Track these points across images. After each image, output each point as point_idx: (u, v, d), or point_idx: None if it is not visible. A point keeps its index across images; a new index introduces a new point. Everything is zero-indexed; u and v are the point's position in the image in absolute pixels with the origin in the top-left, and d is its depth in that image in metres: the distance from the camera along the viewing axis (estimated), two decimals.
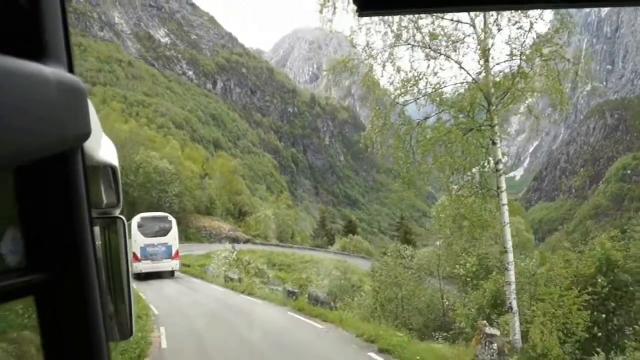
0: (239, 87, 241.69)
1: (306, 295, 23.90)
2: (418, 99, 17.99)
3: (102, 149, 1.75)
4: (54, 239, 0.84)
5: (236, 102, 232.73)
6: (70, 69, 0.87)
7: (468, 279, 22.96)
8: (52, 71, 0.73)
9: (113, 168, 2.07)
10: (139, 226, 31.98)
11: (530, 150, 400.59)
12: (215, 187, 73.90)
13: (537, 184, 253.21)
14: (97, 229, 2.25)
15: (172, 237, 32.93)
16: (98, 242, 2.16)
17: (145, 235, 31.92)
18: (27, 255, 0.81)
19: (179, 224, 61.20)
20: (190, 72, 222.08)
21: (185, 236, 58.77)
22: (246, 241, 61.26)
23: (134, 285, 29.74)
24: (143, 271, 31.43)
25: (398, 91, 18.07)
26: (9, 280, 0.77)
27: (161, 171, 56.88)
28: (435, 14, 13.35)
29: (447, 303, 24.03)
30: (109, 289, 2.29)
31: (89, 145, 1.10)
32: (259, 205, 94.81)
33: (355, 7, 1.04)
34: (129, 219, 41.22)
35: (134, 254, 31.21)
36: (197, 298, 25.09)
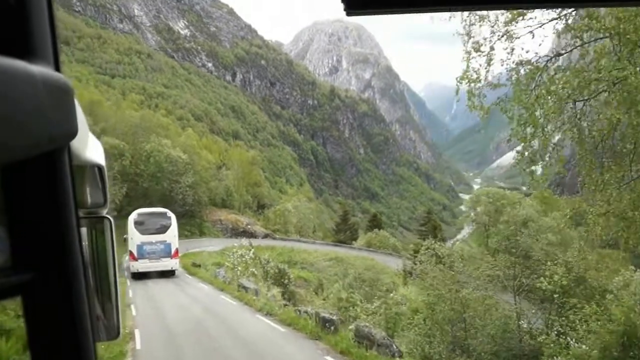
0: (259, 79, 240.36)
1: (350, 327, 17.13)
2: None
3: (89, 148, 1.74)
4: (41, 238, 0.83)
5: (255, 94, 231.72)
6: (57, 68, 0.86)
7: (555, 295, 17.57)
8: (38, 70, 0.72)
9: (100, 167, 2.07)
10: (137, 223, 30.40)
11: (553, 142, 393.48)
12: (233, 178, 70.40)
13: (560, 178, 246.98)
14: (84, 229, 2.13)
15: (172, 235, 31.07)
16: (85, 242, 2.06)
17: (143, 232, 30.21)
18: (14, 255, 0.80)
19: (192, 216, 59.46)
20: (210, 64, 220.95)
21: (200, 230, 55.73)
22: (265, 236, 58.00)
23: (130, 291, 25.56)
24: (140, 270, 29.74)
25: None
26: None
27: (174, 160, 53.55)
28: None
29: (524, 326, 18.57)
30: (96, 289, 2.26)
31: (75, 144, 1.08)
32: (278, 198, 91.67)
33: (343, 7, 1.02)
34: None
35: (131, 253, 30.07)
36: (198, 315, 19.67)
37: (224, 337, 16.14)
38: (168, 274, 30.82)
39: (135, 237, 29.94)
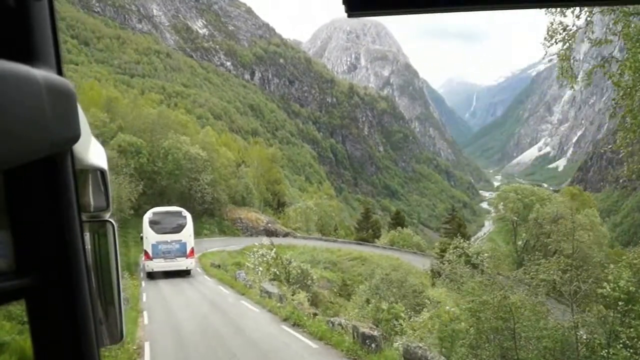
0: (277, 77, 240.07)
1: (395, 345, 15.07)
2: None
3: (92, 152, 1.75)
4: (44, 242, 0.83)
5: (274, 92, 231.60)
6: (60, 72, 0.86)
7: (620, 303, 14.90)
8: (41, 74, 0.72)
9: (102, 171, 2.08)
10: (152, 222, 29.91)
11: (574, 140, 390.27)
12: (252, 175, 69.05)
13: (582, 175, 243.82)
14: (86, 233, 2.18)
15: (187, 234, 30.53)
16: (88, 246, 2.05)
17: (158, 231, 29.65)
18: (17, 259, 0.80)
19: (211, 215, 58.33)
20: (229, 63, 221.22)
21: (219, 229, 54.49)
22: (285, 234, 56.63)
23: (143, 294, 24.14)
24: (155, 270, 29.39)
25: None
26: (0, 283, 0.77)
27: (192, 158, 52.19)
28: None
29: (584, 338, 15.89)
30: (99, 293, 2.25)
31: (78, 148, 1.09)
32: (297, 197, 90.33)
33: (344, 8, 1.03)
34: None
35: (146, 252, 29.74)
36: (217, 325, 17.80)
37: (246, 353, 14.32)
38: (183, 273, 30.34)
39: (150, 236, 29.50)
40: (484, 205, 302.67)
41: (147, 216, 30.47)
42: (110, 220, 2.35)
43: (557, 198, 62.58)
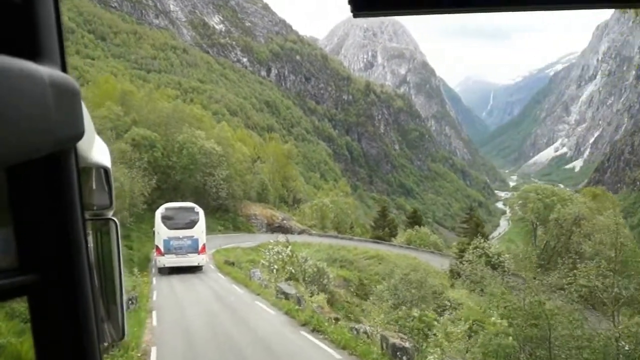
0: (293, 74, 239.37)
1: (430, 357, 13.49)
2: None
3: (95, 150, 1.76)
4: (47, 240, 0.84)
5: (290, 89, 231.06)
6: (64, 69, 0.85)
7: None
8: (45, 71, 0.72)
9: (106, 169, 2.11)
10: (164, 217, 29.83)
11: (591, 140, 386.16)
12: (268, 171, 68.26)
13: (599, 176, 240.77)
14: (89, 231, 2.27)
15: (199, 230, 30.26)
16: (91, 244, 2.17)
17: (170, 227, 29.54)
18: (20, 256, 0.81)
19: (226, 211, 57.58)
20: (245, 59, 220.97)
21: (234, 225, 53.74)
22: (301, 232, 55.81)
23: (154, 293, 23.31)
24: (166, 265, 29.40)
25: None
26: (2, 280, 0.77)
27: (207, 152, 51.38)
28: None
29: (626, 349, 14.38)
30: (101, 290, 2.30)
31: (82, 146, 1.09)
32: (312, 194, 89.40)
33: (350, 8, 1.03)
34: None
35: (157, 247, 29.75)
36: (230, 329, 16.62)
37: None
38: (195, 269, 30.21)
39: (162, 232, 29.41)
40: (499, 205, 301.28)
41: (160, 211, 30.39)
42: (113, 218, 2.34)
43: (578, 198, 61.11)
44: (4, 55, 0.64)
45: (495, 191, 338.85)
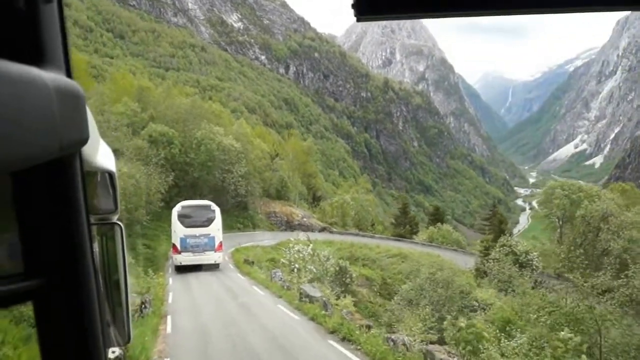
0: (312, 71, 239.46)
1: None
2: None
3: (100, 154, 1.78)
4: (52, 244, 0.84)
5: (309, 86, 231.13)
6: (69, 74, 0.86)
7: None
8: (50, 76, 0.73)
9: (111, 174, 2.14)
10: (180, 215, 30.04)
11: (612, 136, 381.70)
12: (287, 168, 67.17)
13: (619, 172, 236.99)
14: (95, 235, 2.31)
15: (216, 228, 30.31)
16: (96, 248, 2.19)
17: (187, 225, 29.75)
18: (26, 261, 0.81)
19: (245, 208, 56.66)
20: (263, 57, 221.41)
21: (253, 223, 52.77)
22: (321, 229, 54.77)
23: (170, 295, 22.18)
24: (183, 263, 29.54)
25: None
26: (8, 285, 0.77)
27: (226, 149, 50.35)
28: None
29: None
30: (106, 295, 2.32)
31: (86, 150, 1.10)
32: (331, 191, 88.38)
33: (354, 12, 1.05)
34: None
35: (174, 245, 29.82)
36: (250, 337, 14.99)
37: None
38: (212, 267, 30.25)
39: (178, 230, 29.60)
40: (519, 202, 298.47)
41: (176, 209, 30.53)
42: (118, 222, 2.33)
43: (606, 194, 59.38)
44: (8, 61, 0.64)
45: (515, 188, 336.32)
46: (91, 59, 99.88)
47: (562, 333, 13.19)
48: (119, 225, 2.34)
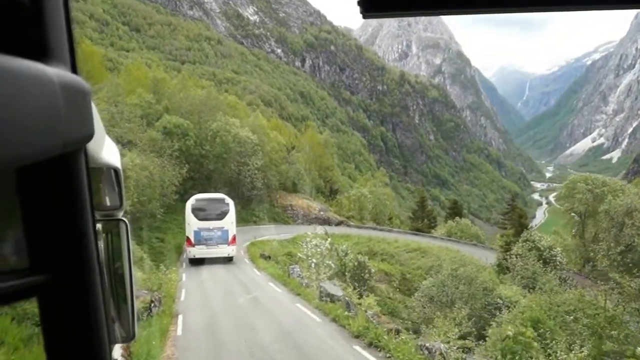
0: (328, 64, 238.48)
1: None
2: None
3: (105, 150, 1.79)
4: (57, 240, 0.84)
5: (325, 80, 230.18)
6: (74, 70, 0.86)
7: None
8: (55, 72, 0.73)
9: (116, 170, 2.16)
10: (194, 209, 30.45)
11: (629, 130, 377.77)
12: (304, 161, 66.29)
13: (637, 167, 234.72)
14: (100, 231, 2.33)
15: (230, 221, 30.68)
16: (101, 245, 2.20)
17: (200, 218, 30.10)
18: (30, 257, 0.81)
19: (261, 201, 55.62)
20: (279, 50, 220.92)
21: (269, 216, 51.99)
22: (338, 223, 53.88)
23: (182, 292, 21.30)
24: (197, 256, 29.99)
25: None
26: (13, 281, 0.77)
27: (242, 141, 49.50)
28: None
29: None
30: (111, 291, 2.34)
31: (92, 146, 1.10)
32: (347, 185, 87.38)
33: (360, 9, 1.06)
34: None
35: (188, 238, 30.21)
36: (269, 344, 13.56)
37: None
38: (226, 260, 30.52)
39: (192, 223, 29.94)
40: (535, 196, 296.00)
41: (190, 203, 30.88)
42: (123, 219, 2.33)
43: (630, 189, 57.88)
44: (12, 57, 0.64)
45: (531, 182, 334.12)
46: (107, 52, 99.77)
47: None
48: (124, 221, 2.33)
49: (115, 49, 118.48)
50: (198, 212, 30.38)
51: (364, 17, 1.08)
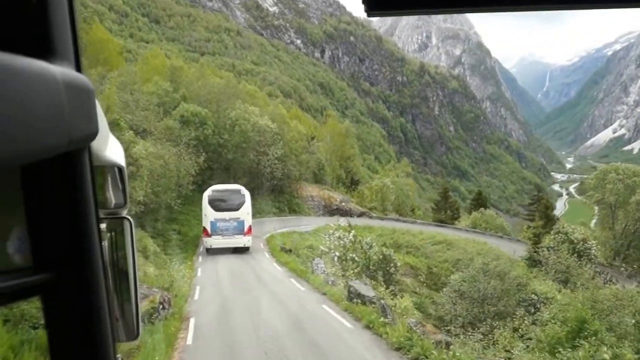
0: (347, 55, 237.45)
1: None
2: None
3: (109, 148, 1.80)
4: (61, 239, 0.84)
5: (344, 70, 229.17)
6: (78, 68, 0.86)
7: None
8: (59, 70, 0.73)
9: (120, 168, 2.13)
10: (211, 199, 30.87)
11: None
12: (325, 151, 64.92)
13: None
14: (104, 230, 2.28)
15: (245, 212, 31.03)
16: (105, 243, 2.14)
17: (217, 209, 30.50)
18: (34, 255, 0.81)
19: (281, 192, 54.49)
20: (299, 41, 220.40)
21: (289, 207, 50.75)
22: (360, 214, 52.53)
23: (197, 289, 19.94)
24: (213, 246, 30.54)
25: None
26: (17, 280, 0.77)
27: (261, 130, 48.13)
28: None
29: None
30: (115, 290, 2.30)
31: (96, 145, 1.11)
32: (366, 176, 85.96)
33: (364, 7, 1.06)
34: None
35: (204, 229, 30.66)
36: (291, 356, 11.76)
37: None
38: (242, 251, 30.80)
39: (209, 214, 30.35)
40: (555, 187, 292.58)
41: (207, 193, 31.28)
42: (127, 217, 2.31)
43: None
44: (16, 55, 0.64)
45: (552, 173, 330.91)
46: (126, 44, 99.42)
47: None
48: (128, 219, 2.29)
49: (135, 41, 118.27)
50: (214, 202, 30.73)
51: (368, 15, 1.08)
